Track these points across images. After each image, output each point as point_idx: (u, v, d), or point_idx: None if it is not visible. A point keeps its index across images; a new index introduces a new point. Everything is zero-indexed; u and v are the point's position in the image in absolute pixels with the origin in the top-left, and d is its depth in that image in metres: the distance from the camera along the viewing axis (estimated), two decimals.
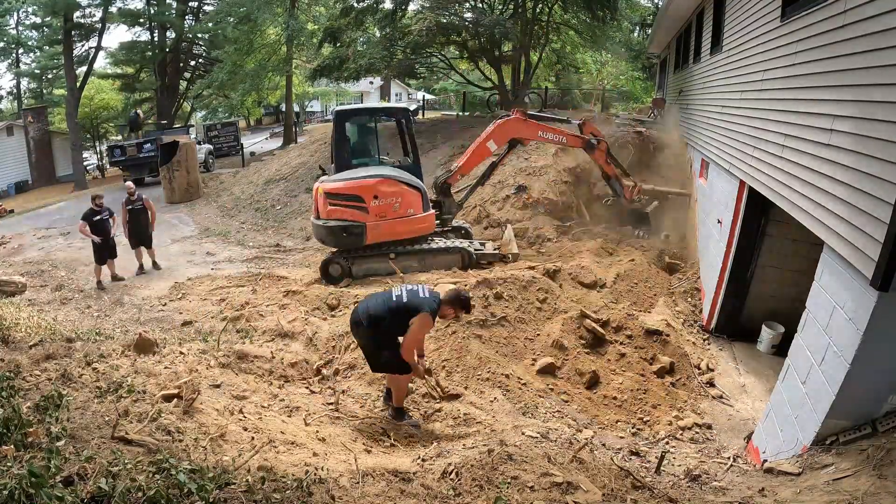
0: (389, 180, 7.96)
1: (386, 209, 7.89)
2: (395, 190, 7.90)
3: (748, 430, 4.54)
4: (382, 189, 7.86)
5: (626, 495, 2.80)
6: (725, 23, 7.36)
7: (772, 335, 5.88)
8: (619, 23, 19.39)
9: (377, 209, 7.86)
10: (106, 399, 3.09)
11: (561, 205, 10.68)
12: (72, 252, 11.66)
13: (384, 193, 7.85)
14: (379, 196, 7.84)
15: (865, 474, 2.83)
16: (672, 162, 11.03)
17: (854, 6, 3.36)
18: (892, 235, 2.76)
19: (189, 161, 16.51)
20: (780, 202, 4.63)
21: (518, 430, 3.84)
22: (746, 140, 5.72)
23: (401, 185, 7.95)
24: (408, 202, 7.98)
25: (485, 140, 8.63)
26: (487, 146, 8.63)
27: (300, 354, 5.21)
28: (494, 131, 8.62)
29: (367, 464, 3.05)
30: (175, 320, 7.39)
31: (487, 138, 8.62)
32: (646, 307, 6.75)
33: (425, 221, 8.20)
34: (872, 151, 3.05)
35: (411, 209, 8.01)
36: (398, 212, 7.95)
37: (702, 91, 9.08)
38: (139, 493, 1.94)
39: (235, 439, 3.12)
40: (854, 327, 3.08)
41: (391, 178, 7.99)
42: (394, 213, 7.94)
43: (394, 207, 7.92)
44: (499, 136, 8.63)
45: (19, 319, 5.12)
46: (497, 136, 8.63)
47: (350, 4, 18.81)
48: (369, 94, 44.02)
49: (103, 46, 26.08)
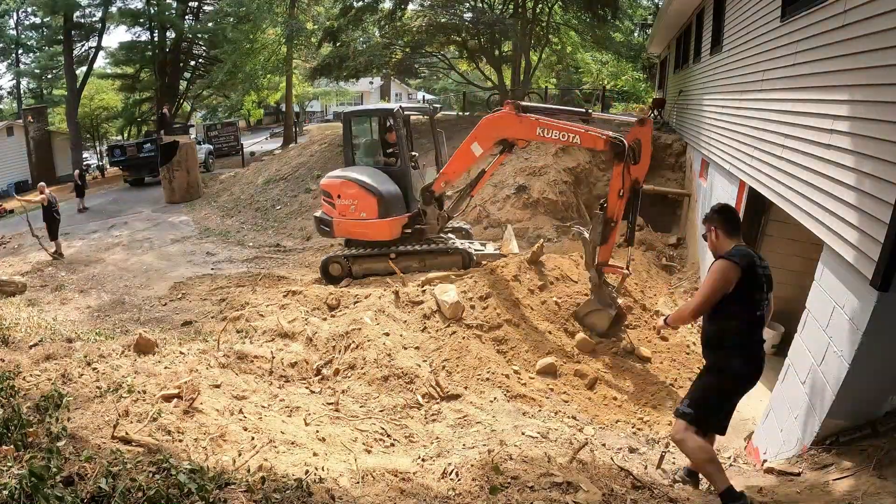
0: (348, 182, 8.08)
1: (345, 209, 8.12)
2: (353, 192, 8.02)
3: (748, 430, 4.54)
4: (343, 190, 8.08)
5: (626, 495, 2.80)
6: (725, 23, 7.36)
7: (772, 335, 5.87)
8: (621, 21, 19.39)
9: (340, 208, 8.14)
10: (106, 399, 3.09)
11: (561, 205, 10.68)
12: (72, 252, 11.68)
13: (345, 194, 8.08)
14: (341, 196, 8.10)
15: (865, 474, 2.83)
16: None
17: (854, 6, 3.35)
18: (892, 235, 2.76)
19: (189, 161, 16.53)
20: (780, 202, 4.63)
21: (518, 430, 3.84)
22: (746, 140, 5.72)
23: (358, 188, 7.99)
24: (361, 206, 8.00)
25: (468, 142, 7.04)
26: (471, 150, 7.01)
27: (300, 354, 5.20)
28: (479, 130, 6.93)
29: (367, 464, 3.06)
30: (175, 320, 7.40)
31: (471, 140, 7.01)
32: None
33: (378, 228, 8.05)
34: (873, 151, 3.05)
35: (364, 213, 8.01)
36: (353, 213, 8.09)
37: (702, 91, 9.08)
38: (139, 493, 1.94)
39: (235, 439, 3.12)
40: (854, 327, 3.08)
41: (350, 180, 8.08)
42: (350, 213, 8.11)
43: (350, 209, 8.07)
44: (484, 136, 6.91)
45: (19, 319, 5.12)
46: (482, 137, 6.92)
47: (349, 3, 18.83)
48: (369, 94, 44.01)
49: (103, 46, 26.19)
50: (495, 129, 6.82)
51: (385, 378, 4.74)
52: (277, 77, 23.84)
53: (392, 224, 8.09)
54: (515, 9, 18.67)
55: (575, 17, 19.28)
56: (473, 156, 7.10)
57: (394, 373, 4.78)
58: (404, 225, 8.24)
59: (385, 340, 5.24)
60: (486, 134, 6.89)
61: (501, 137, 6.92)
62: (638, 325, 6.35)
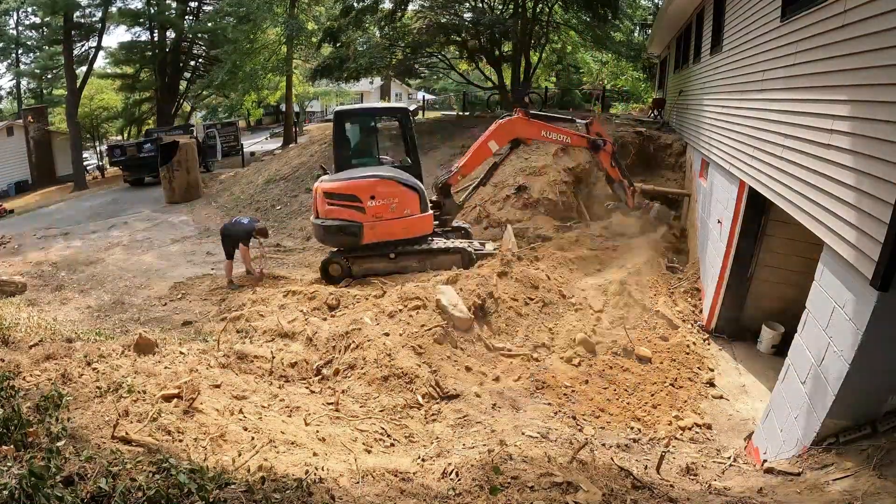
0: (386, 180, 7.97)
1: (383, 209, 7.90)
2: (393, 190, 7.90)
3: (748, 430, 4.54)
4: (379, 189, 7.89)
5: (626, 495, 2.80)
6: (725, 23, 7.36)
7: (772, 335, 5.88)
8: (621, 21, 19.39)
9: (374, 209, 7.88)
10: (106, 399, 3.09)
11: (561, 205, 10.67)
12: (72, 252, 11.67)
13: (381, 194, 7.88)
14: (376, 196, 7.87)
15: (865, 474, 2.83)
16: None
17: (854, 6, 3.35)
18: (892, 235, 2.76)
19: (189, 161, 16.52)
20: (780, 202, 4.63)
21: (518, 430, 3.84)
22: (746, 140, 5.71)
23: (398, 186, 7.93)
24: (405, 203, 7.96)
25: (486, 140, 8.46)
26: (489, 146, 8.45)
27: (300, 354, 5.20)
28: (496, 131, 8.43)
29: (367, 464, 3.05)
30: (175, 320, 7.40)
31: (489, 138, 8.45)
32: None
33: (423, 222, 8.16)
34: (873, 151, 3.05)
35: (408, 209, 7.98)
36: (395, 212, 7.94)
37: (702, 91, 9.08)
38: (139, 493, 1.94)
39: (235, 439, 3.12)
40: (854, 327, 3.08)
41: (388, 179, 7.99)
42: (391, 213, 7.93)
43: (391, 208, 7.92)
44: (500, 136, 8.44)
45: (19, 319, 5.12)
46: (498, 136, 8.44)
47: (350, 4, 18.81)
48: (369, 93, 43.99)
49: (103, 46, 26.12)
50: (511, 130, 8.40)
51: (385, 378, 4.74)
52: (277, 77, 23.81)
53: (430, 218, 8.33)
54: (515, 9, 18.68)
55: (575, 17, 19.28)
56: (490, 151, 8.54)
57: (394, 373, 4.78)
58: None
59: (385, 340, 5.24)
60: (502, 134, 8.41)
61: (514, 137, 8.49)
62: (638, 324, 6.36)
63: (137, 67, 27.91)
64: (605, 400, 5.04)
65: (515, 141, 8.59)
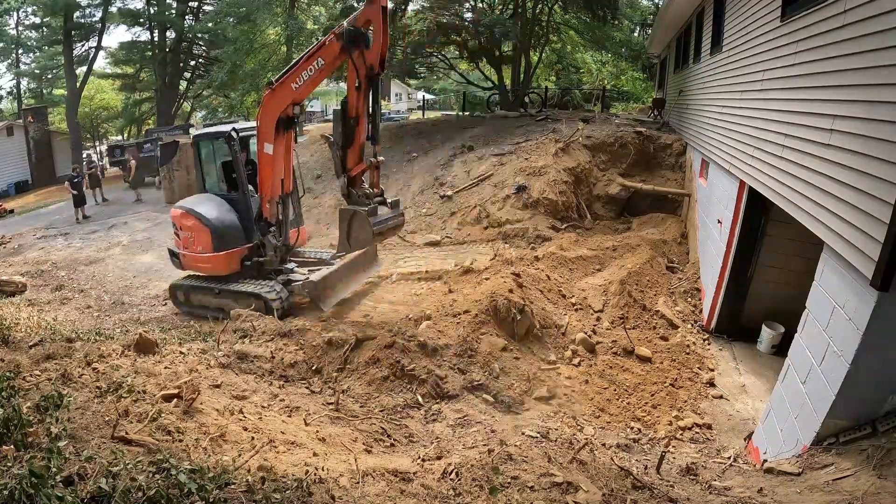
0: (186, 213, 7.35)
1: (186, 242, 7.43)
2: (190, 224, 7.29)
3: (748, 430, 4.54)
4: (183, 221, 7.39)
5: (626, 495, 2.80)
6: (725, 23, 7.36)
7: (772, 335, 5.88)
8: (620, 21, 19.40)
9: (183, 241, 7.48)
10: (106, 399, 3.09)
11: (561, 205, 10.68)
12: (72, 252, 11.67)
13: (184, 226, 7.38)
14: (182, 228, 7.42)
15: (865, 474, 2.83)
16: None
17: (854, 6, 3.36)
18: (892, 235, 2.76)
19: (189, 161, 16.51)
20: (780, 202, 4.63)
21: (518, 430, 3.84)
22: (746, 140, 5.72)
23: (194, 220, 7.25)
24: (198, 239, 7.28)
25: (259, 149, 6.84)
26: (264, 152, 6.72)
27: (300, 354, 5.20)
28: (259, 132, 6.72)
29: (367, 464, 3.05)
30: (175, 320, 7.40)
31: (259, 145, 6.81)
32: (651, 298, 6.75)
33: (216, 261, 7.27)
34: (872, 151, 3.05)
35: (200, 247, 7.29)
36: (192, 247, 7.38)
37: (702, 91, 9.08)
38: (139, 493, 1.94)
39: (235, 439, 3.11)
40: (854, 327, 3.08)
41: (187, 211, 7.35)
42: (190, 246, 7.40)
43: (189, 241, 7.37)
44: (264, 131, 6.62)
45: (19, 319, 5.12)
46: (264, 133, 6.62)
47: (350, 4, 18.81)
48: None
49: (103, 46, 26.18)
50: (267, 116, 6.53)
51: (385, 378, 4.74)
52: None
53: (230, 257, 7.29)
54: (515, 9, 18.69)
55: (575, 18, 19.28)
56: (268, 156, 6.69)
57: (394, 373, 4.78)
58: (244, 257, 7.39)
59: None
60: (265, 127, 6.58)
61: (277, 117, 6.50)
62: (638, 324, 6.36)
63: (137, 67, 27.96)
64: (605, 400, 5.05)
65: (289, 121, 6.61)
